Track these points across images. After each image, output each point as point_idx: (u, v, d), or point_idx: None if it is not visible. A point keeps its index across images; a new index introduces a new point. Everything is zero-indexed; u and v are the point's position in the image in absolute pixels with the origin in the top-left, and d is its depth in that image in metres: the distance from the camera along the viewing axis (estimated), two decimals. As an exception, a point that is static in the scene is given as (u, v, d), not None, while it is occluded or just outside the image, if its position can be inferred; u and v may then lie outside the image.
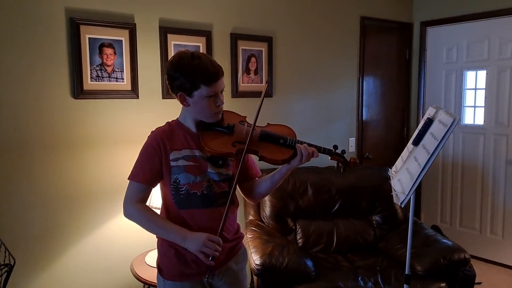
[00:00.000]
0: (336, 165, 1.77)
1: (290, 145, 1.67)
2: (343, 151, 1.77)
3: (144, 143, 1.68)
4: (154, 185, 1.68)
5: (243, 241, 1.87)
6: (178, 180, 1.62)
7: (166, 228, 1.62)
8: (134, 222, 1.64)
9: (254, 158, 1.79)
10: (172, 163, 1.62)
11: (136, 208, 1.62)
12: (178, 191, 1.63)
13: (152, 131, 1.69)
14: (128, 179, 1.65)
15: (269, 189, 1.79)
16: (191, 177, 1.63)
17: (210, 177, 1.65)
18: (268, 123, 1.77)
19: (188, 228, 1.63)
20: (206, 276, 1.61)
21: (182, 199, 1.63)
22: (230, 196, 1.62)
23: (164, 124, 1.75)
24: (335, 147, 1.75)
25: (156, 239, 1.76)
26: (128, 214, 1.64)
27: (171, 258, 1.67)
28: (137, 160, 1.67)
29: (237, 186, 1.74)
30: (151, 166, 1.63)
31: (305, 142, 1.68)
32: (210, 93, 1.58)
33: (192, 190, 1.63)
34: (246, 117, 1.78)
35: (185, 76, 1.55)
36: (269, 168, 1.90)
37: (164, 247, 1.70)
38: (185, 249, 1.61)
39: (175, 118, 1.74)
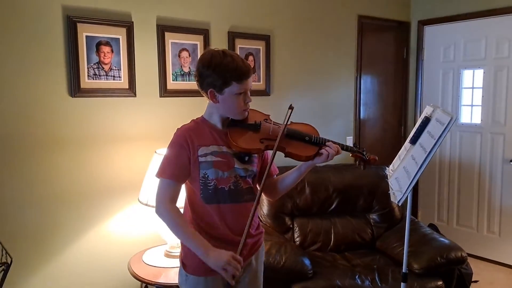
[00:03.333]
0: (357, 162, 1.83)
1: (314, 142, 1.71)
2: (363, 149, 1.82)
3: (170, 140, 1.67)
4: (182, 182, 1.67)
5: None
6: (207, 175, 1.63)
7: (192, 239, 1.61)
8: (163, 221, 1.65)
9: (279, 154, 1.80)
10: (201, 159, 1.63)
11: (167, 209, 1.62)
12: (207, 186, 1.64)
13: (178, 128, 1.70)
14: (156, 176, 1.65)
15: (290, 186, 1.83)
16: (219, 172, 1.64)
17: (237, 173, 1.68)
18: (291, 122, 1.80)
19: (215, 224, 1.66)
20: None
21: (210, 194, 1.65)
22: (260, 192, 1.64)
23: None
24: (355, 145, 1.80)
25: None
26: (159, 212, 1.64)
27: (196, 254, 1.66)
28: (165, 157, 1.67)
29: (256, 184, 1.78)
30: (179, 162, 1.63)
31: (328, 140, 1.71)
32: (240, 90, 1.61)
33: (220, 185, 1.64)
34: (269, 115, 1.81)
35: (218, 73, 1.58)
36: (284, 166, 1.91)
37: None
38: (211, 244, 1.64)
39: (200, 116, 1.75)
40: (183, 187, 1.73)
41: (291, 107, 1.71)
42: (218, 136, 1.68)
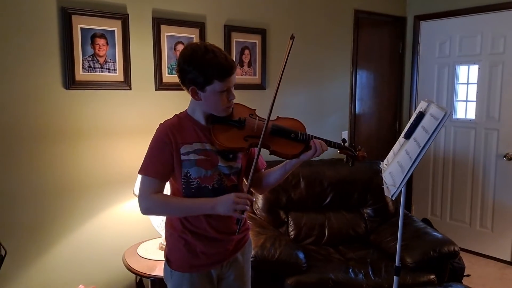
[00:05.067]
0: (345, 159, 1.78)
1: (301, 139, 1.66)
2: (351, 145, 1.78)
3: (153, 136, 1.63)
4: (167, 179, 1.64)
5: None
6: (189, 174, 1.60)
7: (191, 205, 1.59)
8: (154, 214, 1.63)
9: (263, 151, 1.78)
10: (183, 157, 1.59)
11: (152, 199, 1.58)
12: (189, 184, 1.61)
13: (160, 124, 1.65)
14: (139, 173, 1.61)
15: (278, 180, 1.79)
16: (202, 171, 1.60)
17: (221, 171, 1.64)
18: (277, 116, 1.76)
19: (198, 222, 1.63)
20: (237, 231, 1.60)
21: (193, 193, 1.61)
22: (248, 187, 1.61)
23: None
24: (344, 141, 1.76)
25: (164, 230, 1.75)
26: (145, 209, 1.59)
27: (181, 249, 1.66)
28: (147, 154, 1.62)
29: (243, 178, 1.75)
30: (163, 160, 1.59)
31: (315, 136, 1.67)
32: (223, 88, 1.55)
33: (203, 183, 1.61)
34: (255, 110, 1.76)
35: (199, 70, 1.52)
36: (273, 160, 1.91)
37: (173, 238, 1.69)
38: (195, 240, 1.63)
39: (183, 110, 1.70)
40: (167, 184, 1.70)
41: (292, 37, 1.62)
42: (201, 132, 1.63)
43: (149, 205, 1.59)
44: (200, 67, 1.52)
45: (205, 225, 1.64)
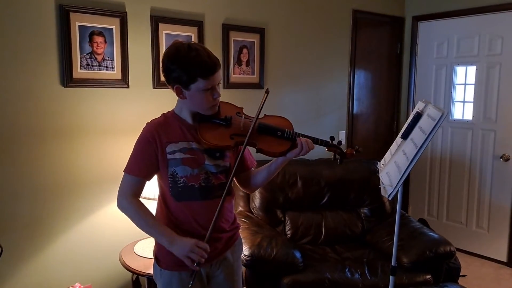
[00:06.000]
0: (333, 156, 1.77)
1: (287, 137, 1.66)
2: (339, 142, 1.78)
3: (139, 135, 1.65)
4: (149, 178, 1.66)
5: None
6: (175, 173, 1.61)
7: (156, 229, 1.61)
8: (126, 215, 1.63)
9: (250, 149, 1.77)
10: (169, 156, 1.60)
11: (129, 202, 1.61)
12: (176, 183, 1.62)
13: (147, 123, 1.66)
14: (124, 171, 1.63)
15: (266, 179, 1.80)
16: (189, 169, 1.61)
17: (208, 169, 1.64)
18: (265, 115, 1.76)
19: (186, 220, 1.63)
20: (191, 283, 1.57)
21: (180, 192, 1.62)
22: (226, 187, 1.61)
23: (159, 115, 1.72)
24: (332, 138, 1.76)
25: None
26: (121, 206, 1.64)
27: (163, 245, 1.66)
28: (132, 153, 1.65)
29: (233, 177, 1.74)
30: (146, 159, 1.61)
31: (302, 134, 1.67)
32: (207, 86, 1.55)
33: (189, 182, 1.62)
34: (242, 108, 1.76)
35: (182, 68, 1.52)
36: (263, 159, 1.91)
37: None
38: None
39: (171, 109, 1.71)
40: (156, 182, 1.72)
41: (267, 91, 1.66)
42: (188, 131, 1.64)
43: (124, 206, 1.63)
44: (183, 66, 1.53)
45: (194, 224, 1.64)
